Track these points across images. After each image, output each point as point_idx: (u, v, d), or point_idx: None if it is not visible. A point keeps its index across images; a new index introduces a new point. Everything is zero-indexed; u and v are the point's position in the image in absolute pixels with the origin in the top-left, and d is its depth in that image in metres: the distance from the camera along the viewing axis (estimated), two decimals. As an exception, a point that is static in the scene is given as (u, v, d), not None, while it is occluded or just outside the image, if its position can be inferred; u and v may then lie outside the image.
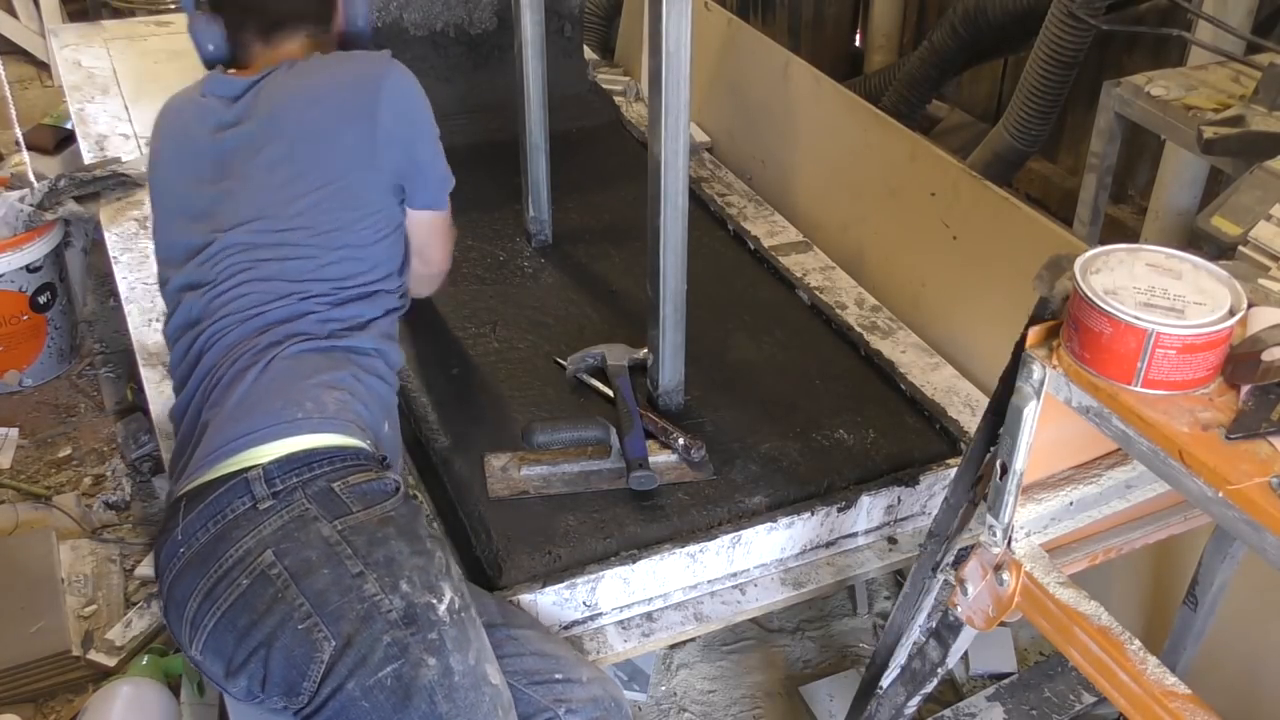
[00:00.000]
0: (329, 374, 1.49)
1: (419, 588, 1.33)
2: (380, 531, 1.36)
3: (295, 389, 1.45)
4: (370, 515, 1.37)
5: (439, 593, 1.35)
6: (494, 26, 2.84)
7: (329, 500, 1.36)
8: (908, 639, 1.53)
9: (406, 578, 1.33)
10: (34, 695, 2.06)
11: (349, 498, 1.37)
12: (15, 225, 2.68)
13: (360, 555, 1.33)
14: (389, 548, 1.35)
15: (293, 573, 1.32)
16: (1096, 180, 2.56)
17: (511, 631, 1.51)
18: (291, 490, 1.36)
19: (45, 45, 4.30)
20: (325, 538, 1.34)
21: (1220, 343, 1.07)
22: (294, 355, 1.49)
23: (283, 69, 1.63)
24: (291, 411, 1.42)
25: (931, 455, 1.91)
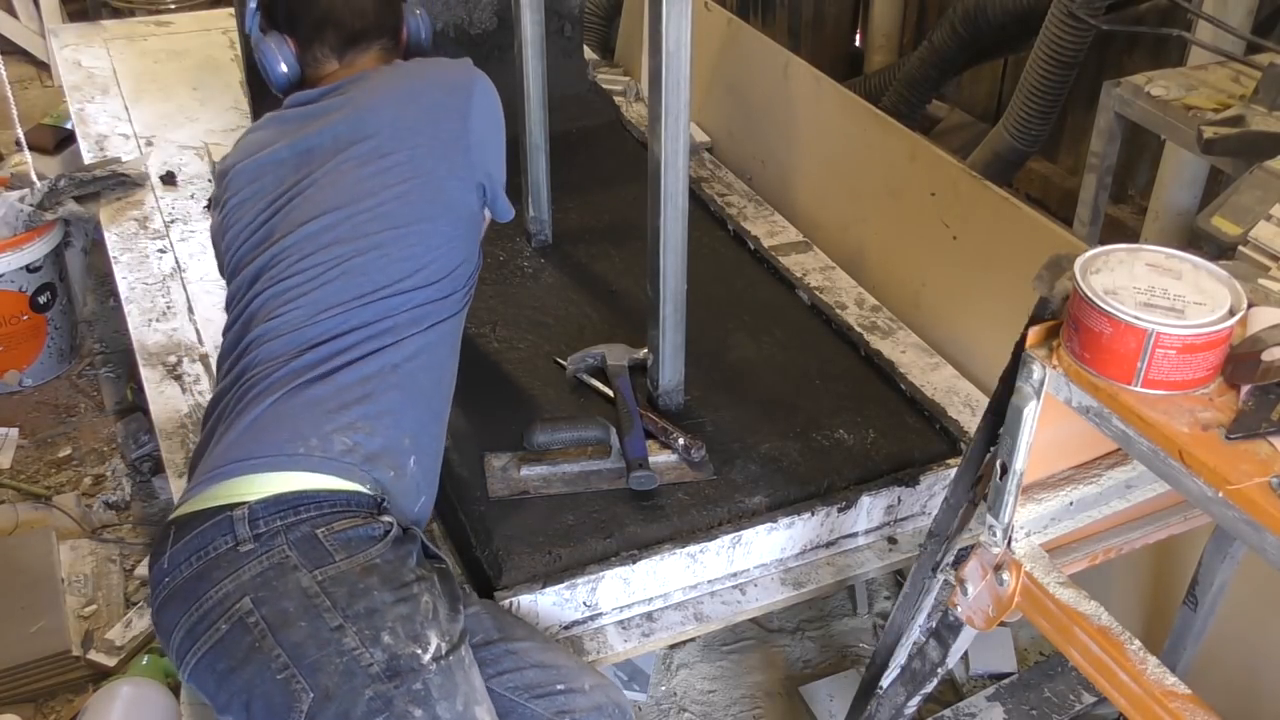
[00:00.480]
0: (355, 409, 1.43)
1: (403, 638, 1.30)
2: (363, 582, 1.32)
3: (308, 422, 1.40)
4: (353, 564, 1.33)
5: (424, 641, 1.31)
6: (494, 26, 2.84)
7: (311, 547, 1.32)
8: (908, 639, 1.53)
9: (389, 628, 1.30)
10: (34, 695, 2.07)
11: (332, 545, 1.33)
12: (15, 225, 2.68)
13: (340, 607, 1.30)
14: (371, 598, 1.31)
15: (270, 623, 1.29)
16: (1096, 180, 2.56)
17: (510, 646, 1.49)
18: (274, 534, 1.32)
19: (45, 45, 4.30)
20: (304, 588, 1.30)
21: (1220, 343, 1.07)
22: (324, 381, 1.44)
23: (368, 74, 1.67)
24: (294, 446, 1.38)
25: (931, 455, 1.91)
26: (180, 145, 2.90)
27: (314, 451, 1.38)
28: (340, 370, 1.45)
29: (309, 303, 1.50)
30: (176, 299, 2.33)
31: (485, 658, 1.47)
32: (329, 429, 1.40)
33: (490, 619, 1.54)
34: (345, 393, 1.44)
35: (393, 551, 1.37)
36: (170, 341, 2.20)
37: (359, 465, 1.40)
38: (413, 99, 1.62)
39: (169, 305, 2.31)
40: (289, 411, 1.42)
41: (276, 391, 1.43)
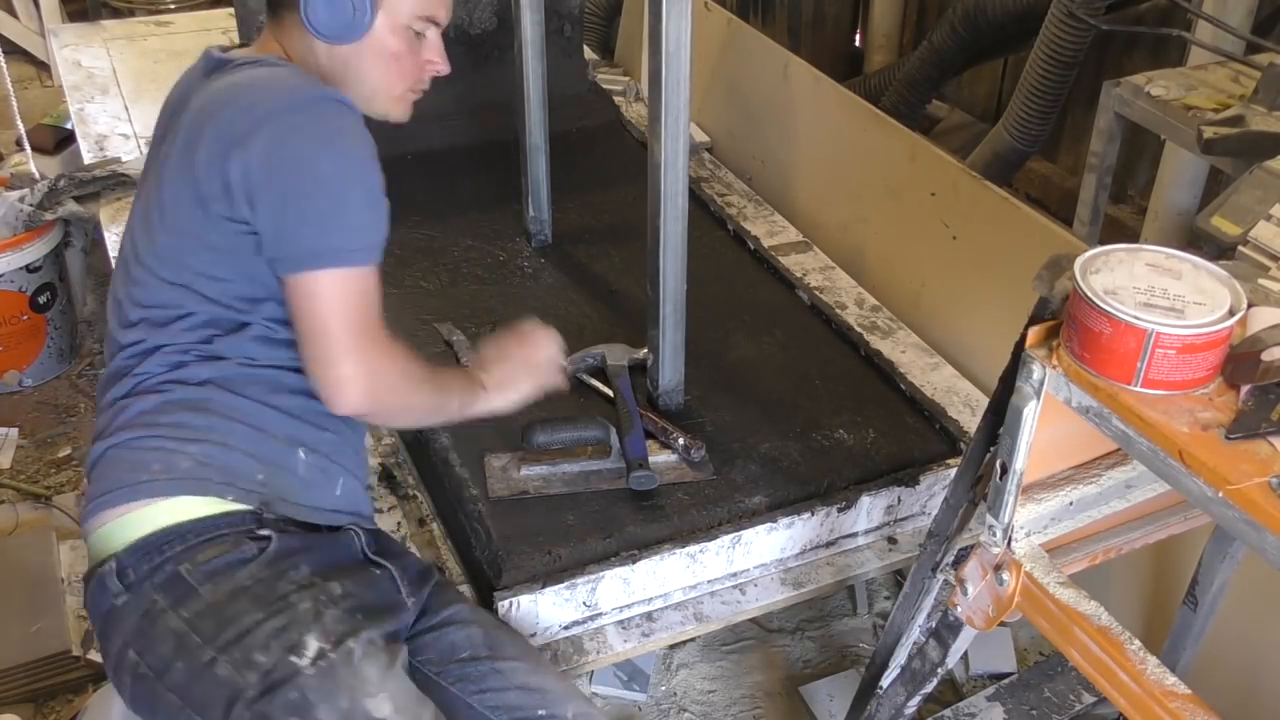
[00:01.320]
0: (191, 417, 1.38)
1: (277, 651, 1.30)
2: (230, 609, 1.32)
3: (146, 443, 1.37)
4: (219, 593, 1.32)
5: (301, 648, 1.30)
6: (494, 26, 2.84)
7: (176, 587, 1.33)
8: (908, 639, 1.53)
9: (261, 647, 1.30)
10: (34, 695, 2.06)
11: (196, 579, 1.33)
12: (15, 225, 2.68)
13: (209, 641, 1.30)
14: (240, 623, 1.31)
15: (155, 670, 1.31)
16: (1096, 180, 2.56)
17: (497, 665, 1.47)
18: (141, 581, 1.33)
19: (45, 45, 4.30)
20: (174, 630, 1.31)
21: (1220, 343, 1.07)
22: (149, 399, 1.40)
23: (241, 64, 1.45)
24: (136, 475, 1.36)
25: (931, 455, 1.91)
26: (180, 145, 2.90)
27: (158, 475, 1.35)
28: (158, 394, 1.40)
29: (114, 333, 1.46)
30: (176, 299, 2.32)
31: (471, 674, 1.46)
32: (172, 444, 1.37)
33: (482, 634, 1.50)
34: (173, 407, 1.39)
35: (269, 568, 1.35)
36: (170, 341, 2.20)
37: (215, 477, 1.37)
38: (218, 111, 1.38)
39: (169, 305, 2.30)
40: (127, 437, 1.40)
41: (105, 417, 1.43)
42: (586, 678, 2.06)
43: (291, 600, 1.33)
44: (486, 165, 2.60)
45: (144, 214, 1.45)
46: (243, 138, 1.32)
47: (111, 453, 1.40)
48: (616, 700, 2.06)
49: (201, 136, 1.36)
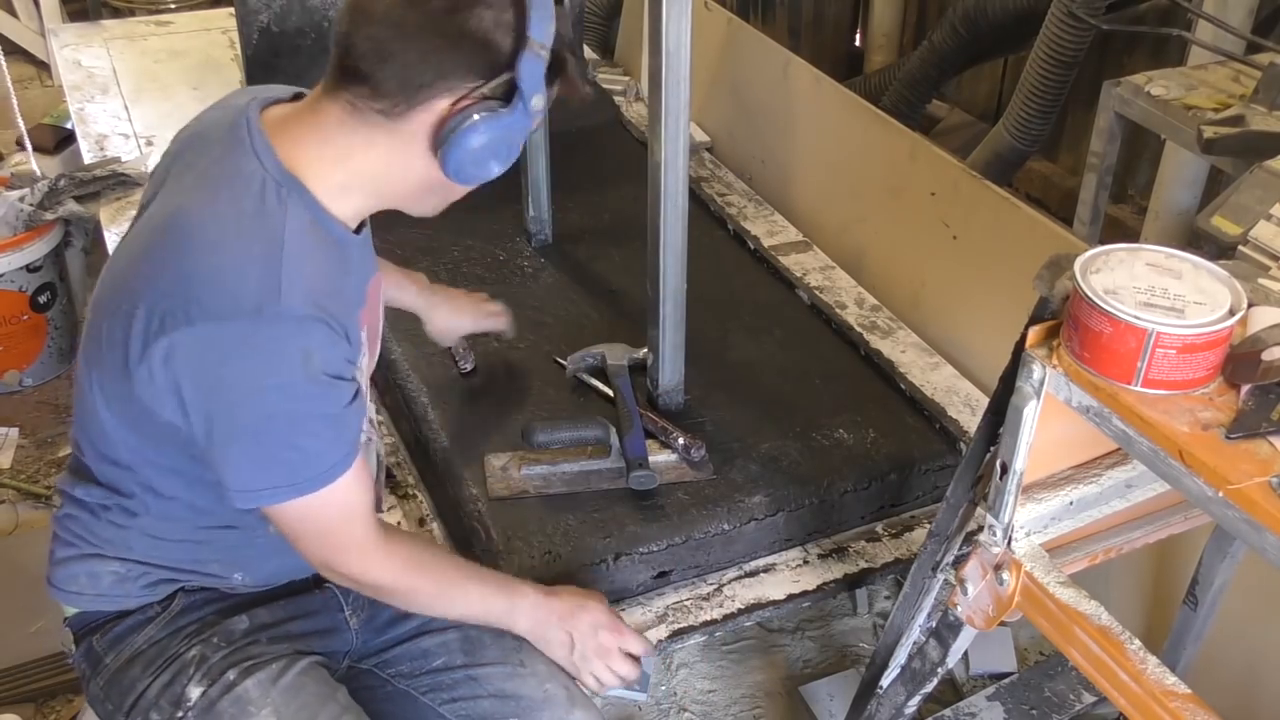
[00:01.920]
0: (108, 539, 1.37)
1: (165, 708, 1.33)
2: (126, 675, 1.36)
3: (79, 557, 1.38)
4: (119, 660, 1.37)
5: (184, 700, 1.33)
6: None
7: (90, 656, 1.39)
8: (908, 639, 1.53)
9: (155, 706, 1.34)
10: (34, 695, 2.06)
11: (102, 648, 1.38)
12: (15, 225, 2.69)
13: (118, 708, 1.36)
14: (135, 689, 1.35)
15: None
16: (1096, 180, 2.56)
17: (472, 671, 1.44)
18: (75, 646, 1.41)
19: (45, 45, 4.30)
20: (96, 697, 1.39)
21: (1220, 342, 1.07)
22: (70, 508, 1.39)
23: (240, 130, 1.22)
24: (69, 585, 1.39)
25: (931, 455, 1.91)
26: (180, 145, 2.90)
27: (85, 590, 1.38)
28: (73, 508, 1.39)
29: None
30: (176, 299, 2.32)
31: (443, 682, 1.45)
32: (95, 565, 1.38)
33: (459, 639, 1.47)
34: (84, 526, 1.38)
35: (166, 627, 1.38)
36: (170, 341, 2.20)
37: (137, 590, 1.38)
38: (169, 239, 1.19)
39: (169, 305, 2.30)
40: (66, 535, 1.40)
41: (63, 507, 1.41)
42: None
43: (180, 654, 1.36)
44: (486, 165, 2.59)
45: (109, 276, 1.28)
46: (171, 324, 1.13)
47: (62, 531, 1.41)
48: (616, 700, 2.05)
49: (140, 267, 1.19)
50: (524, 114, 1.19)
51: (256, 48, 2.71)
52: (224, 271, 1.15)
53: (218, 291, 1.14)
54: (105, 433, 1.29)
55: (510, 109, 1.18)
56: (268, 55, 2.73)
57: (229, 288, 1.14)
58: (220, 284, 1.14)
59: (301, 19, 2.73)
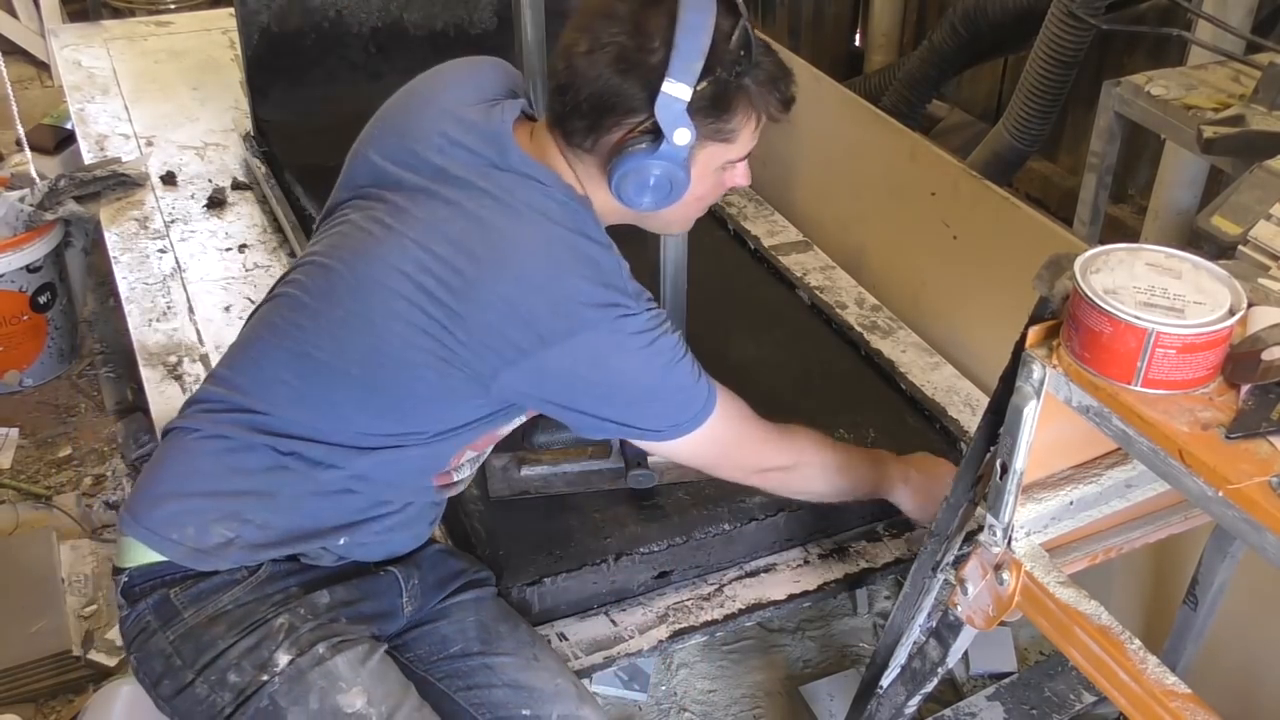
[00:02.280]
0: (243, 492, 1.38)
1: (248, 670, 1.33)
2: (208, 633, 1.35)
3: (198, 497, 1.38)
4: (200, 616, 1.36)
5: (271, 665, 1.33)
6: (494, 26, 2.84)
7: (164, 609, 1.37)
8: (908, 638, 1.53)
9: (235, 666, 1.33)
10: (34, 695, 2.06)
11: (182, 602, 1.37)
12: (15, 225, 2.69)
13: (188, 663, 1.35)
14: (215, 647, 1.34)
15: (148, 681, 1.39)
16: (1096, 180, 2.56)
17: (488, 660, 1.47)
18: (138, 600, 1.39)
19: (45, 45, 4.30)
20: (161, 650, 1.37)
21: (1220, 342, 1.07)
22: (237, 439, 1.38)
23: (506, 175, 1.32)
24: (168, 530, 1.37)
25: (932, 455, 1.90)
26: (180, 145, 2.90)
27: (187, 540, 1.37)
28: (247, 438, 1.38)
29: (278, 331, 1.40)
30: (177, 299, 2.33)
31: (460, 669, 1.47)
32: (212, 515, 1.37)
33: (476, 628, 1.51)
34: (246, 462, 1.38)
35: (253, 591, 1.38)
36: (170, 341, 2.21)
37: (234, 555, 1.37)
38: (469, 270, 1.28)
39: (169, 305, 2.31)
40: (197, 468, 1.40)
41: (194, 434, 1.40)
42: (587, 677, 2.06)
43: (267, 619, 1.36)
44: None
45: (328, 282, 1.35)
46: (527, 350, 1.27)
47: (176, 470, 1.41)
48: (616, 700, 2.06)
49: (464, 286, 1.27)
50: (669, 148, 1.27)
51: (256, 48, 2.71)
52: (559, 273, 1.29)
53: (561, 293, 1.28)
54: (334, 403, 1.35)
55: (656, 143, 1.27)
56: (268, 55, 2.73)
57: (571, 288, 1.28)
58: (560, 287, 1.28)
59: (301, 19, 2.73)
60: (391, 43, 2.81)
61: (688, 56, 1.23)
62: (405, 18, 2.78)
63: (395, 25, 2.77)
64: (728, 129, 1.33)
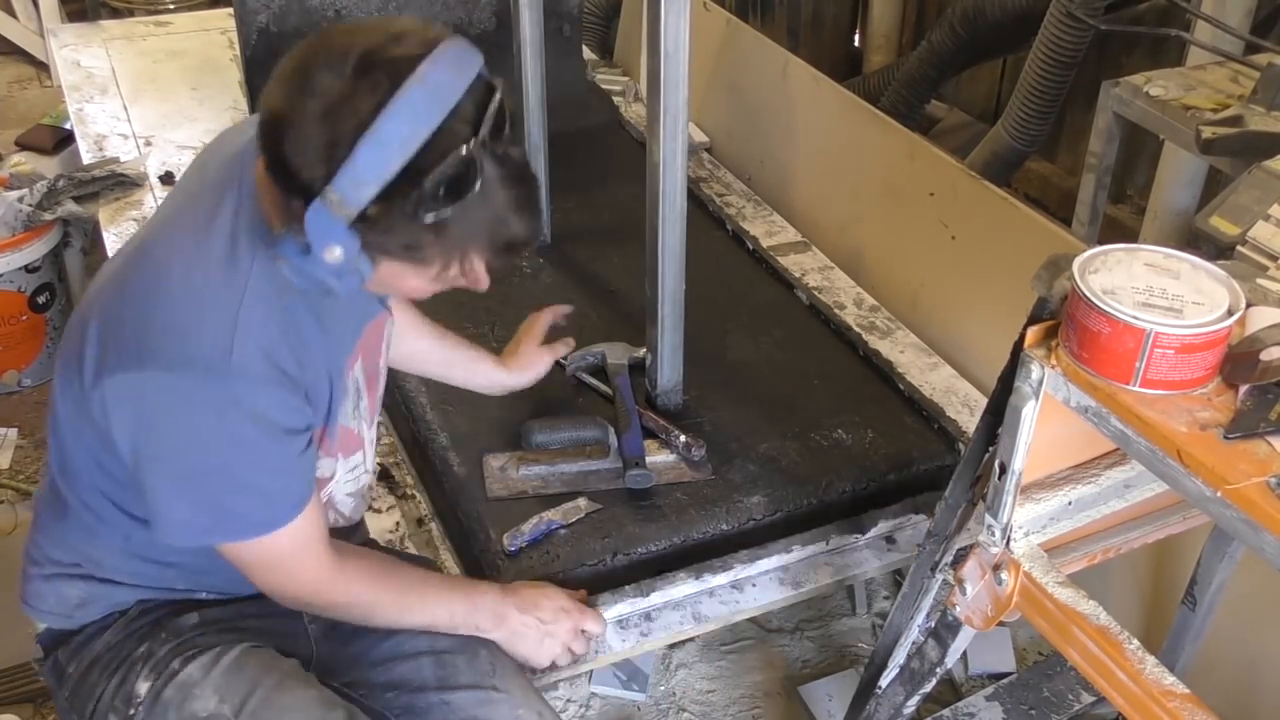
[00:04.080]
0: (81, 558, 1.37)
1: (120, 708, 1.33)
2: (86, 683, 1.37)
3: (46, 564, 1.39)
4: (80, 668, 1.38)
5: (134, 697, 1.33)
6: (493, 26, 2.84)
7: (55, 670, 1.40)
8: (906, 639, 1.53)
9: (111, 709, 1.34)
10: (34, 695, 2.07)
11: (65, 659, 1.39)
12: (14, 225, 2.69)
13: (81, 715, 1.36)
14: (93, 694, 1.36)
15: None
16: (1095, 180, 2.56)
17: (445, 696, 1.42)
18: (42, 664, 1.42)
19: (44, 45, 4.30)
20: (63, 709, 1.39)
21: (1218, 342, 1.07)
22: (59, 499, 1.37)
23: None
24: (39, 601, 1.40)
25: (930, 455, 1.91)
26: (179, 145, 2.90)
27: (53, 609, 1.39)
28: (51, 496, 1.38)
29: None
30: (175, 299, 2.32)
31: (416, 705, 1.42)
32: (62, 582, 1.38)
33: (432, 664, 1.43)
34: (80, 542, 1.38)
35: (122, 630, 1.38)
36: (169, 341, 2.20)
37: (96, 608, 1.38)
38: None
39: (168, 305, 2.30)
40: (34, 538, 1.43)
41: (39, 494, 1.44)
42: (586, 678, 2.06)
43: (130, 654, 1.36)
44: (485, 165, 2.59)
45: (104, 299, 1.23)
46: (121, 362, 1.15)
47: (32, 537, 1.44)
48: (616, 700, 2.06)
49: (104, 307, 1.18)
50: (316, 260, 1.07)
51: (255, 48, 2.71)
52: (180, 322, 1.14)
53: (171, 340, 1.13)
54: (71, 443, 1.29)
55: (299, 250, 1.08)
56: (266, 56, 2.73)
57: (182, 339, 1.13)
58: (175, 333, 1.14)
59: (300, 19, 2.73)
60: (390, 43, 2.81)
61: (362, 172, 1.02)
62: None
63: (394, 25, 2.78)
64: (416, 256, 1.11)
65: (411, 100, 1.01)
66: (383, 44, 1.04)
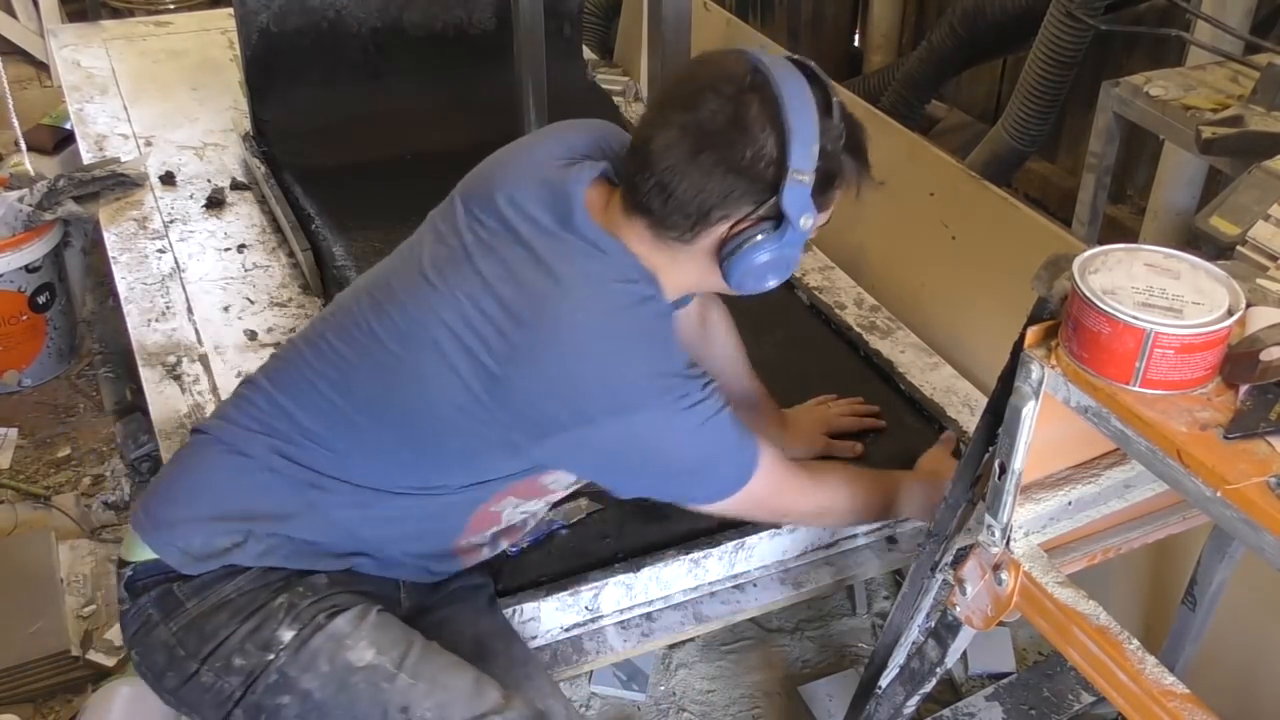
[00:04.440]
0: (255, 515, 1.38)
1: (253, 652, 1.34)
2: (210, 622, 1.36)
3: (206, 516, 1.38)
4: (203, 606, 1.37)
5: (276, 643, 1.34)
6: (493, 26, 2.84)
7: (167, 601, 1.38)
8: (906, 639, 1.54)
9: (239, 650, 1.34)
10: (33, 695, 2.06)
11: (185, 594, 1.38)
12: (14, 225, 2.69)
13: (192, 654, 1.36)
14: (218, 636, 1.35)
15: (151, 675, 1.40)
16: (1095, 180, 2.56)
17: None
18: (140, 594, 1.40)
19: (44, 45, 4.30)
20: (164, 642, 1.38)
21: (1218, 342, 1.07)
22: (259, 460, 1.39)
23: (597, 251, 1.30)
24: (176, 539, 1.38)
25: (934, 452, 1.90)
26: (179, 145, 2.90)
27: (192, 550, 1.38)
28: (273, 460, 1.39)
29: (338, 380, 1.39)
30: (176, 299, 2.33)
31: None
32: (218, 534, 1.38)
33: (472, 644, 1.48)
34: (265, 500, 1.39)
35: (255, 579, 1.38)
36: (169, 342, 2.20)
37: (235, 557, 1.38)
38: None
39: (168, 305, 2.31)
40: (202, 484, 1.41)
41: (218, 447, 1.41)
42: (586, 678, 2.06)
43: (267, 603, 1.37)
44: (486, 165, 2.59)
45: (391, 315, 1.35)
46: (567, 425, 1.27)
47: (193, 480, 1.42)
48: (616, 700, 2.06)
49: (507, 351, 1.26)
50: (794, 233, 1.26)
51: (256, 48, 2.71)
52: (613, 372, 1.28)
53: (614, 390, 1.27)
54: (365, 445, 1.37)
55: (780, 231, 1.26)
56: (267, 56, 2.73)
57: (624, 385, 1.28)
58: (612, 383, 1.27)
59: (301, 19, 2.73)
60: (390, 43, 2.81)
61: (805, 141, 1.22)
62: (404, 18, 2.78)
63: (394, 26, 2.77)
64: (828, 200, 1.32)
65: (788, 84, 1.23)
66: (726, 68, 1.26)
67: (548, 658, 1.67)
